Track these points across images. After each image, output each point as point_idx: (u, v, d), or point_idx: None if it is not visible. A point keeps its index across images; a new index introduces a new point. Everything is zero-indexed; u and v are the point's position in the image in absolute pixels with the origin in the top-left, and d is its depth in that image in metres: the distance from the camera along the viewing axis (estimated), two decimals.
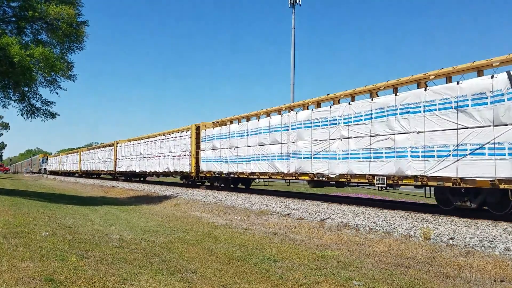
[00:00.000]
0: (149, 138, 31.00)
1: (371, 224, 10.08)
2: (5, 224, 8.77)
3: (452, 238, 8.19)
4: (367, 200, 16.44)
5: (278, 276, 5.79)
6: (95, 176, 49.40)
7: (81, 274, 5.23)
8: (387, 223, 9.99)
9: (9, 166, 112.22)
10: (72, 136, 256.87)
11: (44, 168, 73.85)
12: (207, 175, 22.94)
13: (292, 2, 32.75)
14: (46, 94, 69.07)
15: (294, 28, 33.29)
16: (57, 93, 18.94)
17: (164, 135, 28.30)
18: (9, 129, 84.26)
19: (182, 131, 25.87)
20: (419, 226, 9.29)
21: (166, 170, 27.18)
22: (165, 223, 11.14)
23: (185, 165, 24.40)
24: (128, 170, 34.81)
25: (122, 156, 36.63)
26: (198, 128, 23.99)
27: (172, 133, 27.11)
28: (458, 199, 10.39)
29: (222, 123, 22.15)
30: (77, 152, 55.79)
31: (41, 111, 19.34)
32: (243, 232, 9.97)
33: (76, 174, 56.49)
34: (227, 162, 20.51)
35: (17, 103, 19.01)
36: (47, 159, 75.90)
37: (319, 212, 12.22)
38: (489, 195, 9.77)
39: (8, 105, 18.92)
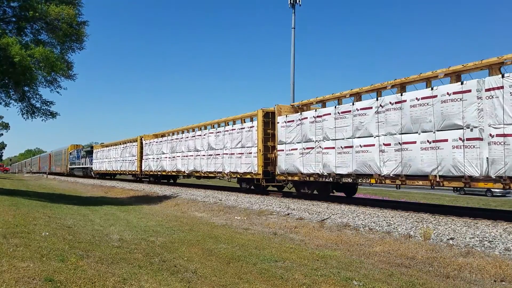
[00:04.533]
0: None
1: (371, 224, 10.08)
2: (5, 224, 8.77)
3: (452, 238, 8.19)
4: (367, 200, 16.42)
5: (278, 276, 5.79)
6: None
7: (81, 274, 5.23)
8: (387, 223, 9.99)
9: (9, 166, 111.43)
10: (73, 137, 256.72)
11: (83, 167, 46.89)
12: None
13: (292, 2, 32.67)
14: (46, 94, 68.24)
15: (294, 28, 33.18)
16: (57, 92, 18.94)
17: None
18: (9, 129, 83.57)
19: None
20: (419, 226, 9.29)
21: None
22: (165, 223, 11.13)
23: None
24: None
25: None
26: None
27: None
28: None
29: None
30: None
31: (41, 111, 19.34)
32: (243, 232, 9.97)
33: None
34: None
35: (17, 103, 19.04)
36: (91, 151, 45.81)
37: (319, 212, 12.21)
38: None
39: (9, 104, 18.93)
